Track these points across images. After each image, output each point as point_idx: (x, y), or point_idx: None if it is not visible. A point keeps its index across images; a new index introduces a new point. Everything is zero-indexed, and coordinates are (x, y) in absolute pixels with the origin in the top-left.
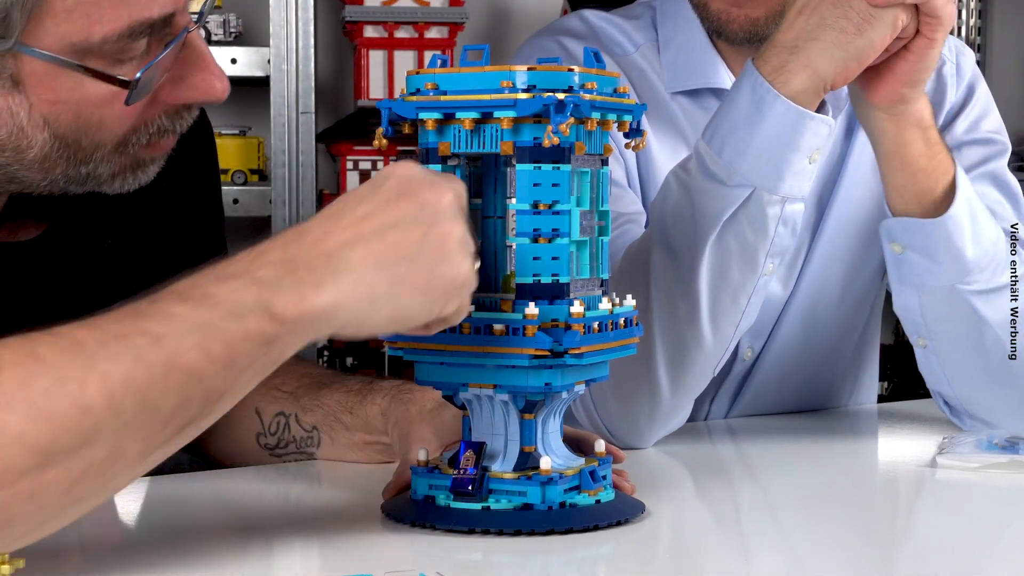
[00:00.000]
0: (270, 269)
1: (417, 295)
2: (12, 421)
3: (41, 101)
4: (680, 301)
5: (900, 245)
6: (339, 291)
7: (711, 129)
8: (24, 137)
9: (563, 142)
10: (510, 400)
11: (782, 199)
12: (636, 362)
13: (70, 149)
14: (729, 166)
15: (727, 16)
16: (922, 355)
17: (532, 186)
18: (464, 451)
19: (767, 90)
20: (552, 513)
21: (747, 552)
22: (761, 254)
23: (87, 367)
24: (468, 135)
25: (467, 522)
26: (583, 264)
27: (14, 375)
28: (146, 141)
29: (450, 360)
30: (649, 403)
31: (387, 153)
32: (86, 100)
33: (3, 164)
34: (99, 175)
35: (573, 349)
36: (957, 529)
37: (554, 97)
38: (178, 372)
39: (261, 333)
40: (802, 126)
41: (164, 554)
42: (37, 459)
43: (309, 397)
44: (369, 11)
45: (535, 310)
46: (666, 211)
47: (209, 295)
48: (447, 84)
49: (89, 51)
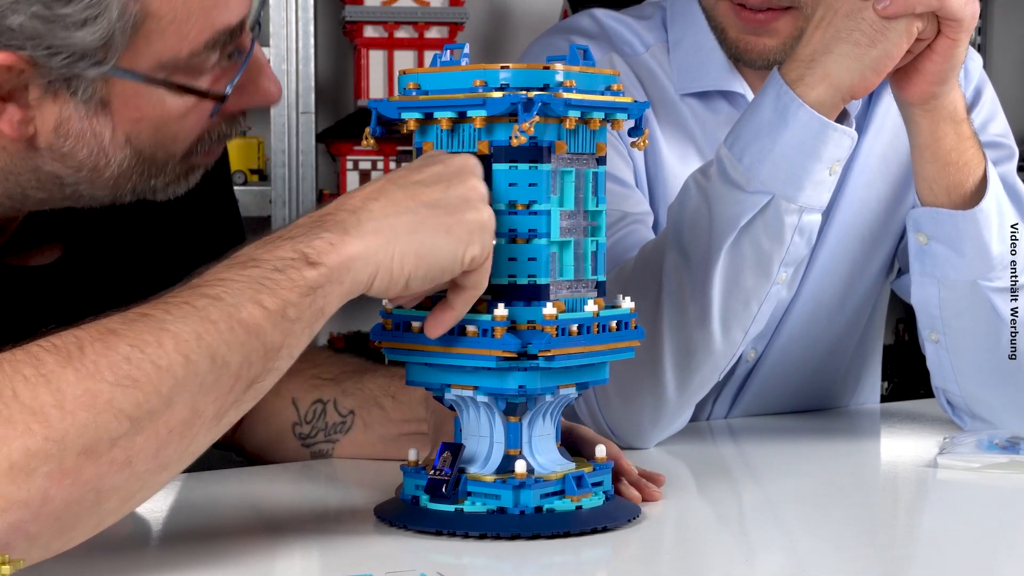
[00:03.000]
0: (300, 228)
1: (441, 235)
2: (102, 389)
3: (125, 120)
4: (691, 305)
5: (926, 235)
6: (364, 236)
7: (733, 135)
8: (104, 157)
9: (540, 141)
10: (491, 402)
11: (800, 208)
12: (643, 363)
13: (145, 164)
14: (749, 172)
15: (745, 45)
16: (933, 350)
17: (508, 186)
18: (442, 452)
19: (792, 98)
20: (524, 518)
21: (748, 552)
22: (776, 262)
23: (160, 329)
24: (447, 135)
25: (439, 524)
26: (566, 265)
27: (95, 347)
28: (207, 149)
29: (430, 361)
30: (653, 404)
31: (387, 153)
32: (167, 115)
33: (72, 183)
34: (157, 186)
35: (543, 351)
36: (958, 529)
37: (523, 96)
38: (240, 327)
39: (304, 280)
40: (824, 136)
41: (163, 554)
42: (128, 424)
43: (352, 382)
44: (369, 11)
45: (504, 311)
46: (684, 215)
47: (252, 257)
48: (428, 84)
49: (177, 67)
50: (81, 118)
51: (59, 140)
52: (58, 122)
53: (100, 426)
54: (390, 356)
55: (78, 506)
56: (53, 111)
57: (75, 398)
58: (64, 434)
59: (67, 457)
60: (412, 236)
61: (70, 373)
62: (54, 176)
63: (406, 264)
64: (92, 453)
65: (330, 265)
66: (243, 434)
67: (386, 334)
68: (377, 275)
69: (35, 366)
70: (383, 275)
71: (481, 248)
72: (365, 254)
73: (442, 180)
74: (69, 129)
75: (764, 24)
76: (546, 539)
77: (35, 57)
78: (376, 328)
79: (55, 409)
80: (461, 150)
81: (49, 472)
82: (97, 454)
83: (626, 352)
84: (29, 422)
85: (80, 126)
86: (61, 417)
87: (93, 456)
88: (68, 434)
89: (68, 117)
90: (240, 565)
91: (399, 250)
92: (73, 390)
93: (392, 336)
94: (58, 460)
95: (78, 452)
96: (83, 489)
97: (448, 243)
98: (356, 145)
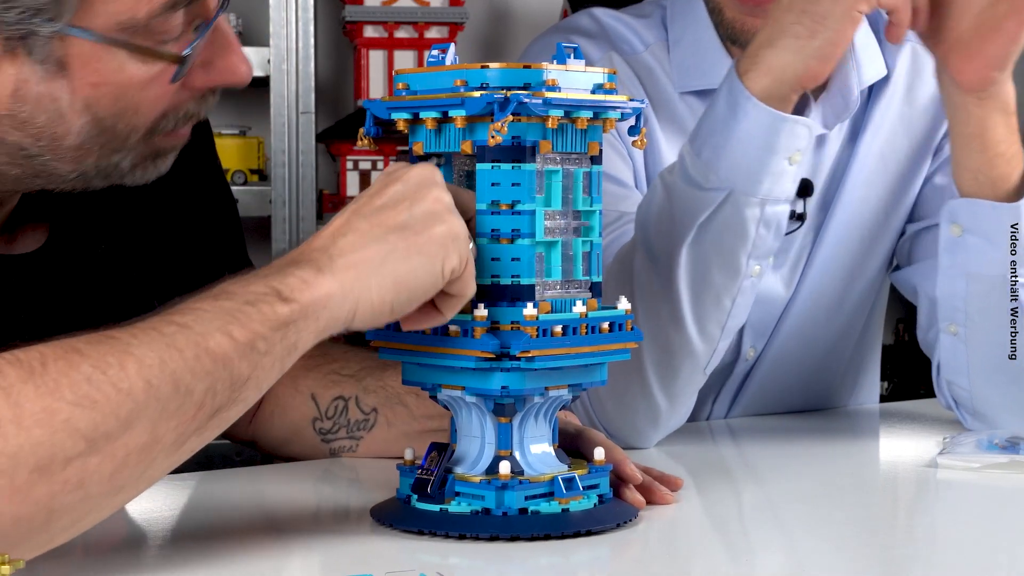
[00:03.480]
0: (273, 268)
1: (414, 257)
2: (60, 408)
3: (84, 84)
4: (663, 305)
5: (961, 227)
6: (337, 274)
7: (694, 131)
8: (63, 123)
9: (523, 140)
10: (480, 403)
11: (761, 201)
12: (628, 365)
13: (106, 135)
14: (707, 167)
15: (742, 25)
16: (949, 342)
17: (491, 185)
18: (429, 452)
19: (740, 91)
20: (507, 519)
21: (748, 552)
22: (742, 257)
23: (124, 352)
24: (433, 135)
25: (424, 524)
26: (553, 265)
27: (57, 365)
28: (172, 127)
29: (420, 361)
30: (645, 405)
31: (387, 153)
32: (127, 82)
33: (36, 155)
34: (123, 166)
35: (523, 352)
36: (957, 529)
37: (499, 95)
38: (206, 356)
39: (276, 315)
40: (776, 128)
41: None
42: (83, 445)
43: (372, 378)
44: (369, 11)
45: (484, 312)
46: (650, 214)
47: (225, 291)
48: (416, 84)
49: (135, 30)
50: (39, 80)
51: (17, 105)
52: (16, 85)
53: (55, 444)
54: (383, 355)
55: (27, 524)
56: (11, 74)
57: (32, 414)
58: (18, 450)
59: (19, 473)
60: (385, 265)
61: (30, 388)
62: (18, 147)
63: (386, 294)
64: (45, 471)
65: (303, 302)
66: (259, 429)
67: (381, 333)
68: (358, 310)
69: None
70: (364, 308)
71: (458, 258)
72: (341, 291)
73: (404, 199)
74: (27, 93)
75: (764, 3)
76: (527, 541)
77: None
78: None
79: (11, 424)
80: (447, 149)
81: (1, 487)
82: (50, 472)
83: (621, 354)
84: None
85: (38, 89)
86: (16, 432)
87: (46, 474)
88: (22, 450)
89: (25, 80)
90: (240, 565)
91: (376, 282)
92: (31, 406)
93: (386, 335)
94: (10, 476)
95: (31, 469)
96: (33, 507)
97: (423, 263)
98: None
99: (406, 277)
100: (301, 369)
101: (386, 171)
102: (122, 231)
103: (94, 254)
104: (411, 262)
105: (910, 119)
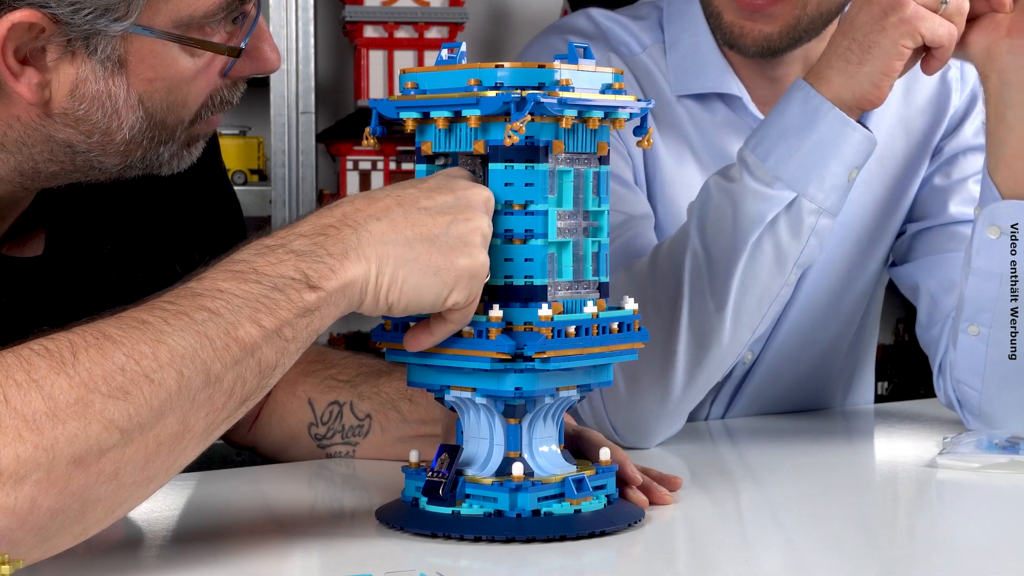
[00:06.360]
0: (304, 241)
1: (429, 275)
2: (95, 399)
3: (139, 80)
4: (710, 299)
5: (999, 229)
6: (361, 261)
7: (756, 139)
8: (117, 118)
9: (536, 140)
10: (490, 404)
11: (819, 210)
12: (655, 355)
13: (156, 128)
14: (774, 172)
15: (740, 30)
16: (969, 343)
17: (504, 185)
18: (440, 454)
19: (821, 101)
20: (521, 521)
21: (748, 552)
22: (791, 261)
23: (156, 341)
24: (444, 134)
25: (435, 526)
26: (565, 266)
27: (89, 354)
28: (210, 115)
29: (428, 362)
30: (661, 397)
31: (387, 153)
32: (179, 75)
33: (84, 151)
34: (164, 157)
35: (539, 353)
36: (957, 529)
37: (517, 95)
38: (236, 345)
39: (303, 302)
40: (846, 135)
41: (162, 554)
42: (118, 436)
43: (368, 385)
44: (369, 11)
45: (499, 313)
46: (706, 213)
47: (253, 269)
48: (426, 83)
49: (191, 26)
50: (97, 79)
51: (74, 104)
52: (74, 84)
53: (91, 436)
54: (390, 357)
55: (63, 515)
56: (70, 73)
57: (67, 406)
58: (54, 442)
59: (56, 466)
60: (401, 269)
61: (63, 380)
62: (66, 144)
63: (390, 294)
64: (81, 463)
65: (328, 290)
66: (258, 435)
67: (386, 334)
68: (366, 299)
69: (27, 371)
70: (370, 298)
71: (466, 296)
72: (361, 279)
73: (448, 213)
74: (85, 91)
75: (763, 8)
76: (542, 543)
77: (58, 15)
78: (377, 329)
79: (47, 417)
80: (458, 149)
81: (38, 480)
82: (86, 464)
83: (628, 354)
84: (20, 429)
85: (96, 87)
86: (52, 425)
87: (82, 466)
88: (58, 443)
89: (84, 79)
90: (240, 565)
91: (387, 280)
92: (65, 398)
93: (392, 336)
94: (47, 468)
95: (67, 461)
96: (70, 499)
97: (433, 285)
98: (356, 145)
99: (412, 289)
100: (299, 375)
101: (446, 172)
102: (126, 233)
103: (99, 256)
104: (424, 279)
105: (908, 120)
